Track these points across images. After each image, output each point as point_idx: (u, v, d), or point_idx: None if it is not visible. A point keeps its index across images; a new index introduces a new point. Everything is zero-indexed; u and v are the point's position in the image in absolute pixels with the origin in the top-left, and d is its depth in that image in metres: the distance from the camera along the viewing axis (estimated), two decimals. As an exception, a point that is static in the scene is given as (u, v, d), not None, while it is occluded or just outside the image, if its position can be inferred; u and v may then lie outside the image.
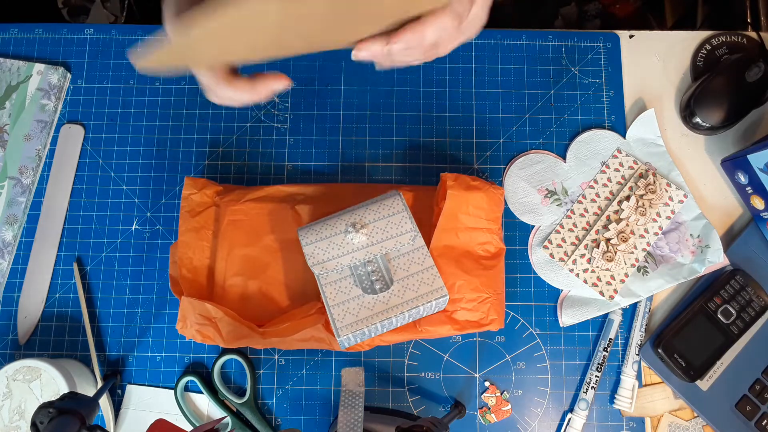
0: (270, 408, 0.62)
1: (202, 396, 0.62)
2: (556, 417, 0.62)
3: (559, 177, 0.67)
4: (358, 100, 0.69)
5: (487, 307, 0.59)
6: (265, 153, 0.68)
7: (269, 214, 0.64)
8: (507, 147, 0.68)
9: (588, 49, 0.71)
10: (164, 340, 0.63)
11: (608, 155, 0.67)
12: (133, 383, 0.62)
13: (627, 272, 0.64)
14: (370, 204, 0.59)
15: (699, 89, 0.66)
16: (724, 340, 0.61)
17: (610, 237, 0.64)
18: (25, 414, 0.57)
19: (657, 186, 0.65)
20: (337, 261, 0.56)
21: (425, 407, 0.62)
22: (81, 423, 0.48)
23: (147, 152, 0.68)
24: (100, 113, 0.69)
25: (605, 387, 0.62)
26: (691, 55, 0.71)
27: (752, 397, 0.61)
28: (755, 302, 0.62)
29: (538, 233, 0.66)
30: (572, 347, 0.63)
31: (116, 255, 0.65)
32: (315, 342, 0.59)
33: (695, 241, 0.65)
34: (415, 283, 0.56)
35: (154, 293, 0.65)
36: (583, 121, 0.69)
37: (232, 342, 0.59)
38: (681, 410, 0.62)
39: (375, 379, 0.63)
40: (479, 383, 0.63)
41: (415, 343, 0.63)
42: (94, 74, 0.70)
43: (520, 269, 0.65)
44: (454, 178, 0.61)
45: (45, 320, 0.64)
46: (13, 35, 0.71)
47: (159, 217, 0.66)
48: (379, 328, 0.55)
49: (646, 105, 0.69)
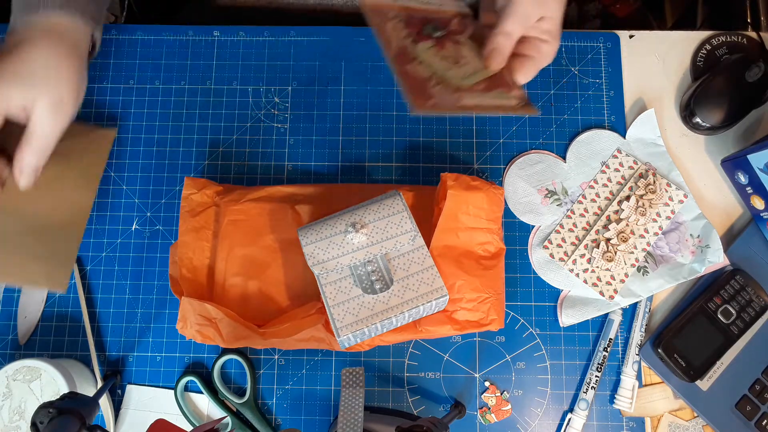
0: (270, 408, 0.62)
1: (202, 396, 0.62)
2: (556, 417, 0.62)
3: (559, 177, 0.67)
4: (358, 100, 0.69)
5: (487, 307, 0.59)
6: (265, 153, 0.68)
7: (269, 214, 0.64)
8: (507, 147, 0.68)
9: (588, 49, 0.71)
10: (164, 340, 0.63)
11: (608, 155, 0.67)
12: (133, 383, 0.62)
13: (627, 272, 0.64)
14: (370, 204, 0.59)
15: (699, 89, 0.66)
16: (724, 340, 0.61)
17: (610, 237, 0.64)
18: (25, 414, 0.57)
19: (657, 186, 0.65)
20: (337, 261, 0.56)
21: (425, 407, 0.62)
22: (81, 423, 0.48)
23: (147, 152, 0.68)
24: (100, 113, 0.69)
25: (605, 387, 0.62)
26: (691, 55, 0.71)
27: (752, 397, 0.61)
28: (755, 302, 0.62)
29: (538, 233, 0.66)
30: (572, 347, 0.63)
31: (116, 255, 0.65)
32: (315, 342, 0.59)
33: (695, 241, 0.65)
34: (415, 283, 0.56)
35: (154, 293, 0.65)
36: (583, 121, 0.69)
37: (232, 342, 0.59)
38: (681, 410, 0.62)
39: (375, 379, 0.63)
40: (479, 383, 0.63)
41: (415, 343, 0.63)
42: (94, 74, 0.70)
43: (520, 269, 0.65)
44: (454, 178, 0.61)
45: (45, 320, 0.64)
46: (13, 35, 0.71)
47: (159, 217, 0.66)
48: (379, 328, 0.55)
49: (646, 105, 0.69)
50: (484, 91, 0.53)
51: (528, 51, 0.54)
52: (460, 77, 0.54)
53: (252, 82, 0.70)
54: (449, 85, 0.53)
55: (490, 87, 0.54)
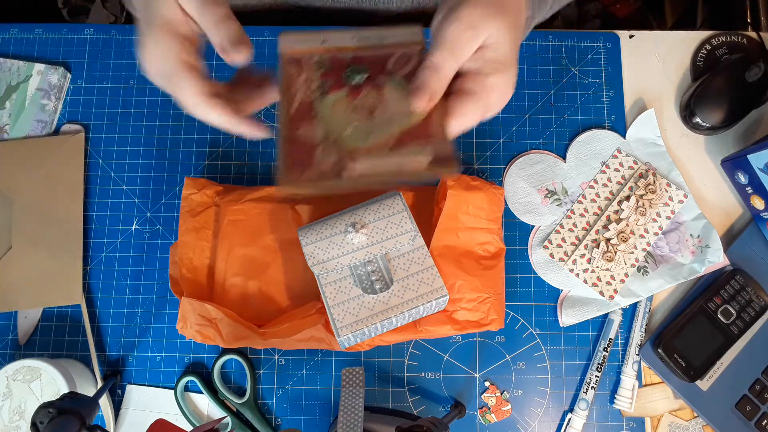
0: (270, 408, 0.62)
1: (202, 396, 0.62)
2: (556, 417, 0.62)
3: (559, 177, 0.67)
4: (358, 100, 0.69)
5: (487, 307, 0.59)
6: (265, 153, 0.68)
7: (269, 214, 0.64)
8: (507, 147, 0.68)
9: (588, 49, 0.71)
10: (164, 340, 0.63)
11: (608, 155, 0.67)
12: (133, 383, 0.62)
13: (627, 272, 0.64)
14: (370, 204, 0.59)
15: (699, 89, 0.66)
16: (724, 340, 0.61)
17: (610, 237, 0.64)
18: (25, 414, 0.57)
19: (657, 186, 0.65)
20: (337, 261, 0.56)
21: (425, 407, 0.62)
22: (81, 423, 0.48)
23: (147, 152, 0.68)
24: (100, 113, 0.69)
25: (605, 387, 0.62)
26: (691, 55, 0.71)
27: (752, 397, 0.61)
28: (755, 302, 0.62)
29: (538, 233, 0.66)
30: (572, 347, 0.63)
31: (116, 255, 0.65)
32: (315, 342, 0.59)
33: (695, 241, 0.65)
34: (415, 283, 0.56)
35: (154, 293, 0.65)
36: (583, 121, 0.69)
37: (232, 342, 0.59)
38: (681, 410, 0.62)
39: (375, 379, 0.63)
40: (479, 383, 0.63)
41: (415, 343, 0.63)
42: (94, 74, 0.70)
43: (520, 269, 0.65)
44: (454, 178, 0.61)
45: (45, 320, 0.64)
46: (13, 35, 0.71)
47: (159, 217, 0.66)
48: (379, 328, 0.55)
49: (646, 105, 0.69)
50: (394, 148, 0.43)
51: (469, 85, 0.44)
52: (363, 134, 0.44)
53: (252, 82, 0.70)
54: (342, 148, 0.43)
55: (404, 140, 0.43)
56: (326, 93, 0.46)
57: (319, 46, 0.48)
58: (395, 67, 0.47)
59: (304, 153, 0.43)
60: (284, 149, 0.43)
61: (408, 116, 0.44)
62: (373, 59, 0.47)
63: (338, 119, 0.44)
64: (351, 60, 0.47)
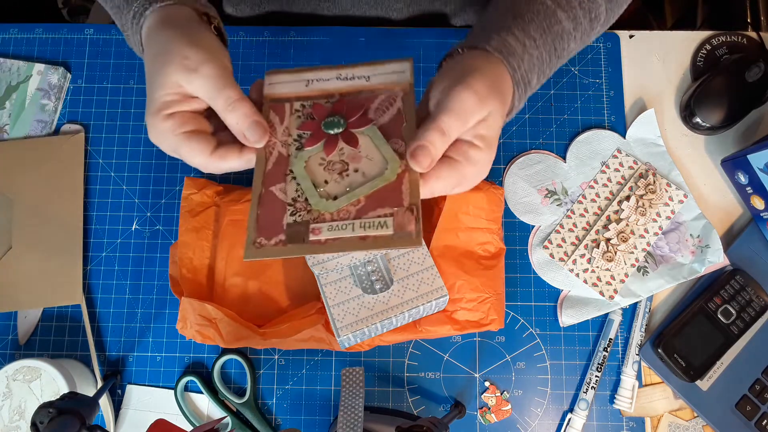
0: (270, 408, 0.62)
1: (202, 396, 0.62)
2: (556, 417, 0.62)
3: (559, 177, 0.67)
4: (358, 100, 0.69)
5: (487, 307, 0.59)
6: (265, 153, 0.68)
7: (269, 214, 0.64)
8: (507, 147, 0.68)
9: (588, 49, 0.71)
10: (164, 340, 0.63)
11: (608, 155, 0.67)
12: (133, 383, 0.62)
13: (627, 272, 0.64)
14: (370, 204, 0.59)
15: (699, 89, 0.66)
16: (724, 340, 0.61)
17: (610, 237, 0.64)
18: (25, 414, 0.57)
19: (657, 186, 0.65)
20: (337, 261, 0.56)
21: (425, 407, 0.62)
22: (81, 423, 0.49)
23: (147, 152, 0.68)
24: (100, 113, 0.69)
25: (605, 387, 0.62)
26: (691, 55, 0.71)
27: (752, 397, 0.61)
28: (755, 302, 0.62)
29: (538, 233, 0.66)
30: (572, 347, 0.63)
31: (116, 255, 0.65)
32: (315, 342, 0.59)
33: (695, 241, 0.65)
34: (415, 283, 0.56)
35: (154, 293, 0.65)
36: (583, 121, 0.69)
37: (232, 342, 0.59)
38: (681, 410, 0.62)
39: (375, 379, 0.63)
40: (479, 383, 0.63)
41: (415, 343, 0.63)
42: (94, 74, 0.70)
43: (520, 269, 0.65)
44: (454, 178, 0.61)
45: (45, 320, 0.64)
46: (13, 35, 0.71)
47: (159, 217, 0.66)
48: (379, 328, 0.55)
49: (646, 105, 0.69)
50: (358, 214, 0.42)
51: (452, 153, 0.43)
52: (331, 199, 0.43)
53: (252, 82, 0.70)
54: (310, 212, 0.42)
55: (371, 206, 0.42)
56: (302, 147, 0.45)
57: (304, 89, 0.48)
58: (377, 114, 0.46)
59: (273, 216, 0.43)
60: (255, 211, 0.43)
61: (381, 177, 0.43)
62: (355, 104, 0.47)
63: (309, 178, 0.44)
64: (332, 108, 0.47)
